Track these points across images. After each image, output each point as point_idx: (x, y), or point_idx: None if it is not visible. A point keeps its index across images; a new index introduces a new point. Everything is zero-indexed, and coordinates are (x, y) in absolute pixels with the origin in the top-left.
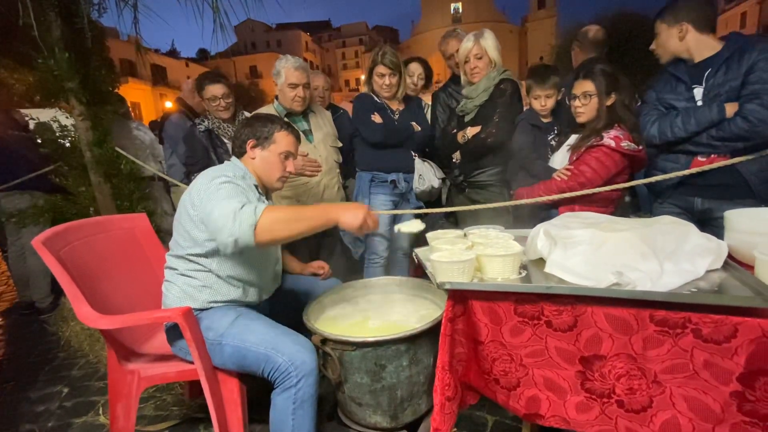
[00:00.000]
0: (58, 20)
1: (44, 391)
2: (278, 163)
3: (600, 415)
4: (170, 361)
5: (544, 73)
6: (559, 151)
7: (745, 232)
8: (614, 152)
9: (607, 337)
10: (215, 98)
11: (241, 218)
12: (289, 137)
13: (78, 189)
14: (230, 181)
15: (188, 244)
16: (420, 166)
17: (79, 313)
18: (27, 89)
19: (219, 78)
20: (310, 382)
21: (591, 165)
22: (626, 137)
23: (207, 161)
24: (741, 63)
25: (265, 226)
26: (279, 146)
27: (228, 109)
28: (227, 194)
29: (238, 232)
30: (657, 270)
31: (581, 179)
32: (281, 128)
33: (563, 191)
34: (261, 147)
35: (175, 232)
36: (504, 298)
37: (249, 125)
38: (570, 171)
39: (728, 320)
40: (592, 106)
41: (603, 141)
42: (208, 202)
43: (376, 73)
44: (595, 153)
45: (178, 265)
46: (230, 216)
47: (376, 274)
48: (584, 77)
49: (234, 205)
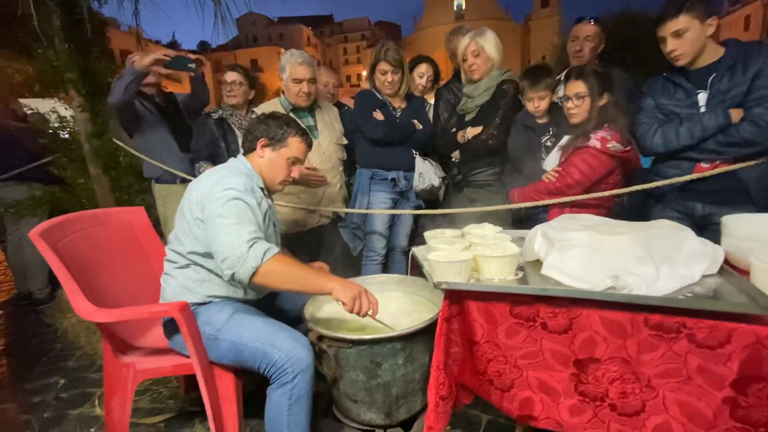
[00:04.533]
0: (58, 10)
1: (41, 382)
2: (285, 167)
3: (593, 419)
4: (166, 355)
5: (536, 74)
6: (552, 152)
7: (742, 238)
8: (601, 153)
9: (602, 340)
10: (227, 83)
11: (248, 258)
12: (302, 145)
13: (76, 181)
14: (241, 198)
15: (189, 241)
16: (420, 165)
17: (75, 305)
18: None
19: (236, 67)
20: (306, 378)
21: (578, 166)
22: (614, 138)
23: (213, 149)
24: (747, 69)
25: (264, 272)
26: (290, 151)
27: (236, 97)
28: (237, 218)
29: (239, 272)
30: (653, 274)
31: (568, 180)
32: (296, 134)
33: (551, 192)
34: (272, 148)
35: (177, 227)
36: (500, 299)
37: (264, 123)
38: (558, 172)
39: (723, 326)
40: (585, 107)
41: (589, 142)
42: (216, 219)
43: (379, 69)
44: (581, 154)
45: (177, 259)
46: (237, 252)
47: (374, 272)
48: (576, 78)
49: (243, 237)
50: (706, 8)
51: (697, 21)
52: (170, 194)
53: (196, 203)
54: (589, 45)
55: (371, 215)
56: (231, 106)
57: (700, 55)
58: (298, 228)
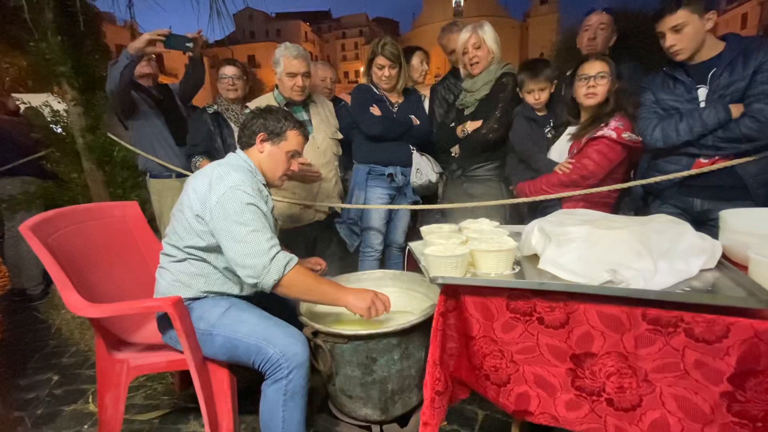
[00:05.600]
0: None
1: (34, 379)
2: (284, 161)
3: (589, 413)
4: (160, 351)
5: (536, 66)
6: (556, 143)
7: (740, 232)
8: (616, 144)
9: (599, 334)
10: (226, 77)
11: (270, 271)
12: (299, 137)
13: (70, 176)
14: (254, 204)
15: (188, 236)
16: (418, 160)
17: (67, 301)
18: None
19: (234, 62)
20: (301, 374)
21: (593, 158)
22: (627, 127)
23: (209, 144)
24: (747, 64)
25: (285, 284)
26: (289, 144)
27: (237, 90)
28: (254, 225)
29: (262, 282)
30: (651, 268)
31: (584, 172)
32: (294, 127)
33: (565, 184)
34: (271, 142)
35: (174, 220)
36: (496, 293)
37: (262, 117)
38: (572, 164)
39: (721, 320)
40: (605, 88)
41: (604, 133)
42: (233, 226)
43: (376, 64)
44: (596, 145)
45: (174, 253)
46: (259, 262)
47: (370, 267)
48: (597, 58)
49: (263, 246)
50: (704, 2)
51: (695, 15)
52: (165, 189)
53: (196, 199)
54: (603, 33)
55: (368, 211)
56: (230, 100)
57: (699, 49)
58: (294, 223)
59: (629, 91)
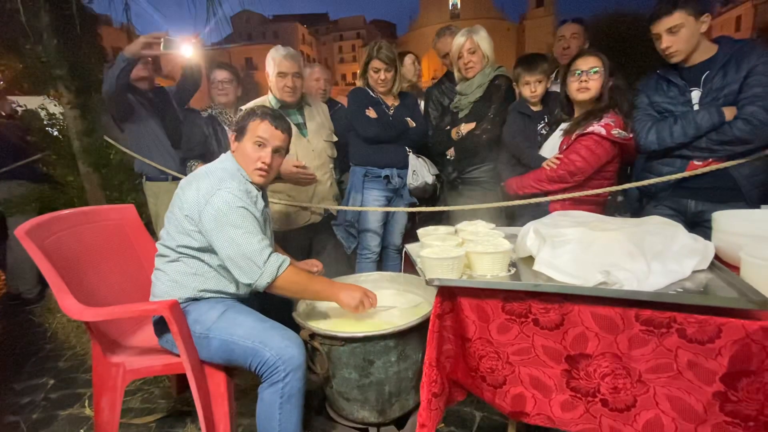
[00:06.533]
0: (47, 5)
1: (30, 383)
2: (252, 151)
3: (584, 414)
4: (157, 354)
5: (532, 59)
6: (549, 139)
7: (732, 234)
8: (604, 140)
9: (594, 336)
10: (216, 82)
11: (264, 273)
12: (263, 124)
13: (66, 178)
14: (245, 207)
15: (180, 237)
16: (414, 162)
17: (62, 304)
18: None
19: (225, 65)
20: (297, 376)
21: (581, 153)
22: (618, 124)
23: (204, 148)
24: (740, 67)
25: (278, 284)
26: (252, 135)
27: (228, 95)
28: (245, 227)
29: (256, 284)
30: (644, 270)
31: (571, 168)
32: (257, 117)
33: (553, 180)
34: (238, 140)
35: (167, 222)
36: (492, 295)
37: (239, 118)
38: (559, 159)
39: (713, 321)
40: (598, 83)
41: (594, 129)
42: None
43: (371, 67)
44: (584, 141)
45: (168, 253)
46: (253, 265)
47: (368, 269)
48: (590, 54)
49: (255, 248)
50: (699, 5)
51: (691, 17)
52: (162, 192)
53: (187, 201)
54: (576, 42)
55: (365, 213)
56: (221, 104)
57: (693, 52)
58: (289, 225)
59: (625, 89)
